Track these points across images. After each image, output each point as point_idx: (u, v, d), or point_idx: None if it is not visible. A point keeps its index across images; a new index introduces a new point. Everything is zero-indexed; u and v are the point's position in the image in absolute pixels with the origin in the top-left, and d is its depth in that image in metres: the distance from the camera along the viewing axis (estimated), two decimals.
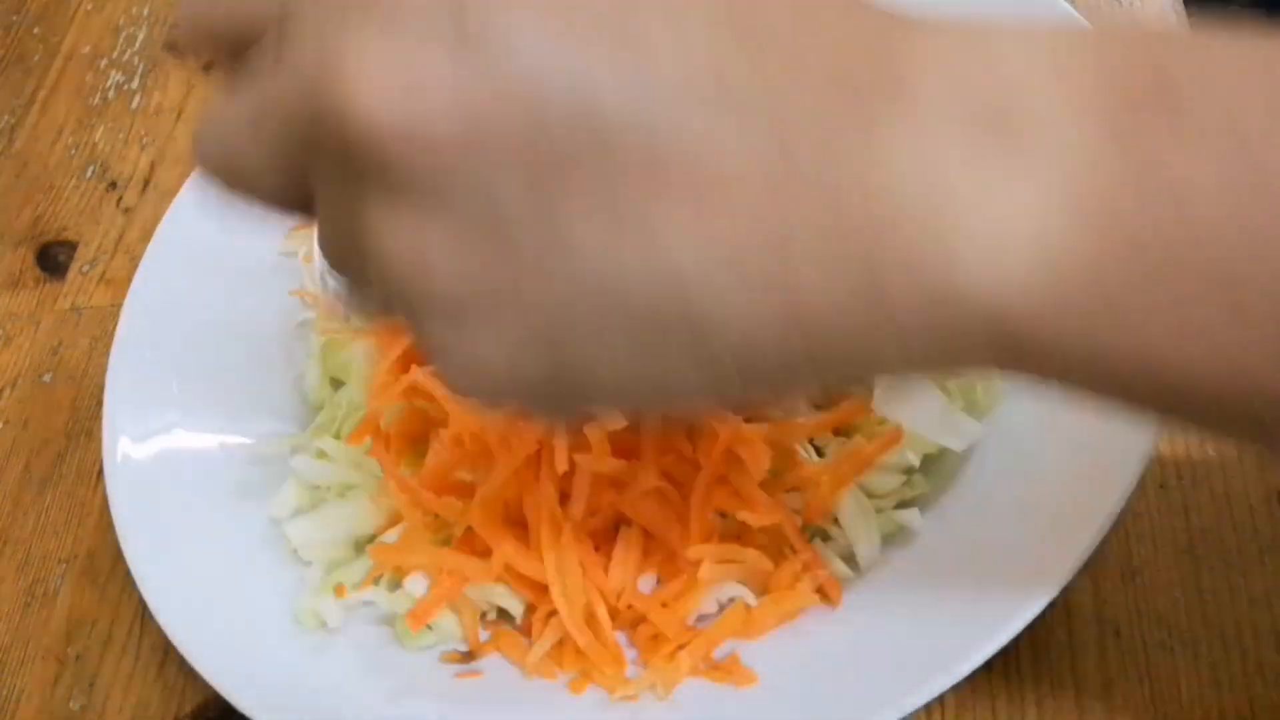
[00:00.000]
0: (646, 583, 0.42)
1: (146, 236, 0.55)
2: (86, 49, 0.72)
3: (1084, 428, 0.39)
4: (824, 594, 0.40)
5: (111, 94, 0.69)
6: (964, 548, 0.39)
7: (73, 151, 0.66)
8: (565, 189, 0.21)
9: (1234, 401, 0.21)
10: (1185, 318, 0.21)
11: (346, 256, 0.23)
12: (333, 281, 0.25)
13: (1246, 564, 0.42)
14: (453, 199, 0.21)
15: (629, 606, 0.41)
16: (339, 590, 0.43)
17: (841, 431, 0.43)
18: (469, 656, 0.42)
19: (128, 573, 0.43)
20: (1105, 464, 0.37)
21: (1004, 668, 0.42)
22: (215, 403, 0.49)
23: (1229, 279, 0.20)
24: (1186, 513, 0.43)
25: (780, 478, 0.41)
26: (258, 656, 0.42)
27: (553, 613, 0.41)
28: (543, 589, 0.41)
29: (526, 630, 0.42)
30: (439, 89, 0.20)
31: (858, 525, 0.41)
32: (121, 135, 0.66)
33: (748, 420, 0.42)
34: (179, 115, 0.66)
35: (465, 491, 0.43)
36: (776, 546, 0.41)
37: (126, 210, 0.63)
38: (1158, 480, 0.44)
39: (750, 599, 0.41)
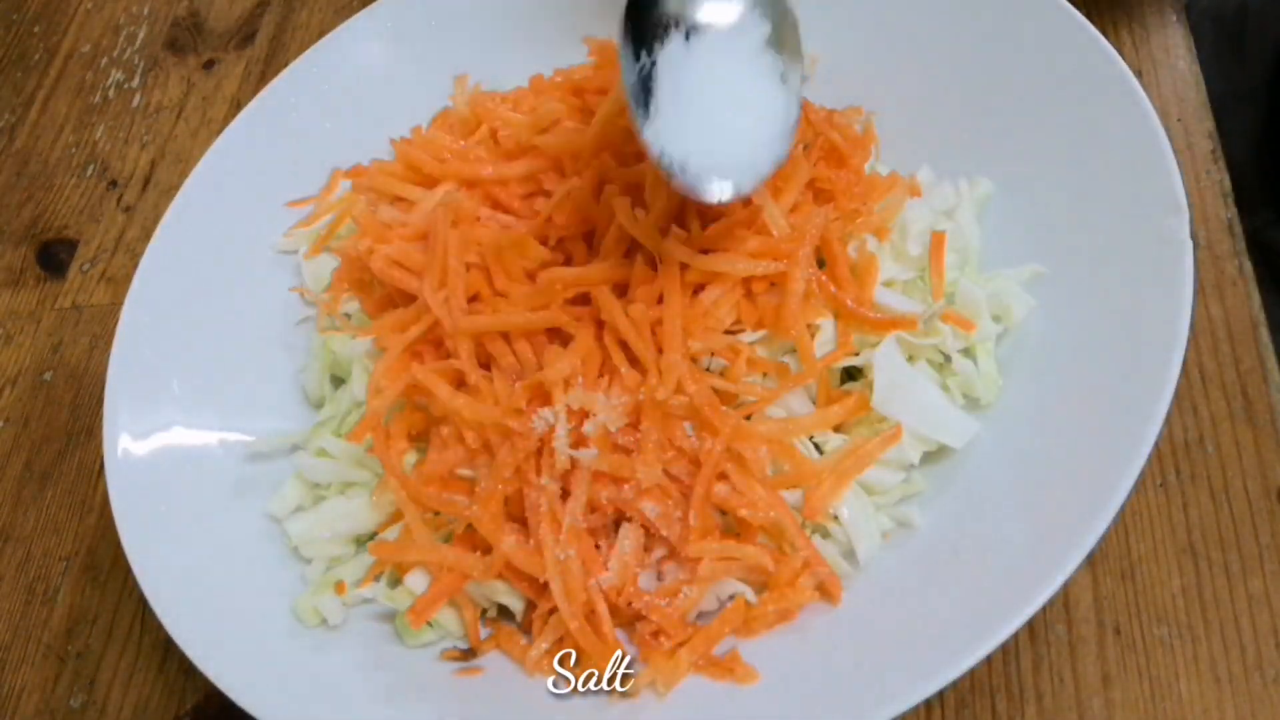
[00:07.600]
0: (646, 580, 0.42)
1: (147, 235, 0.55)
2: (87, 48, 0.72)
3: (1084, 425, 0.39)
4: (824, 591, 0.40)
5: (112, 93, 0.69)
6: (964, 545, 0.39)
7: (73, 150, 0.67)
8: None
9: None
10: None
11: None
12: None
13: (1246, 561, 0.42)
14: None
15: (629, 604, 0.41)
16: (339, 587, 0.43)
17: (841, 429, 0.43)
18: (469, 654, 0.42)
19: (128, 570, 0.43)
20: (1105, 461, 0.37)
21: (1004, 665, 0.42)
22: (215, 400, 0.49)
23: None
24: (1186, 510, 0.44)
25: (780, 475, 0.42)
26: (258, 653, 0.42)
27: (553, 610, 0.41)
28: (543, 586, 0.41)
29: (526, 627, 0.42)
30: None
31: (858, 522, 0.41)
32: (122, 134, 0.66)
33: (748, 417, 0.42)
34: (179, 114, 0.66)
35: (466, 489, 0.43)
36: (777, 543, 0.41)
37: (127, 209, 0.63)
38: (1157, 478, 0.44)
39: (750, 596, 0.41)
